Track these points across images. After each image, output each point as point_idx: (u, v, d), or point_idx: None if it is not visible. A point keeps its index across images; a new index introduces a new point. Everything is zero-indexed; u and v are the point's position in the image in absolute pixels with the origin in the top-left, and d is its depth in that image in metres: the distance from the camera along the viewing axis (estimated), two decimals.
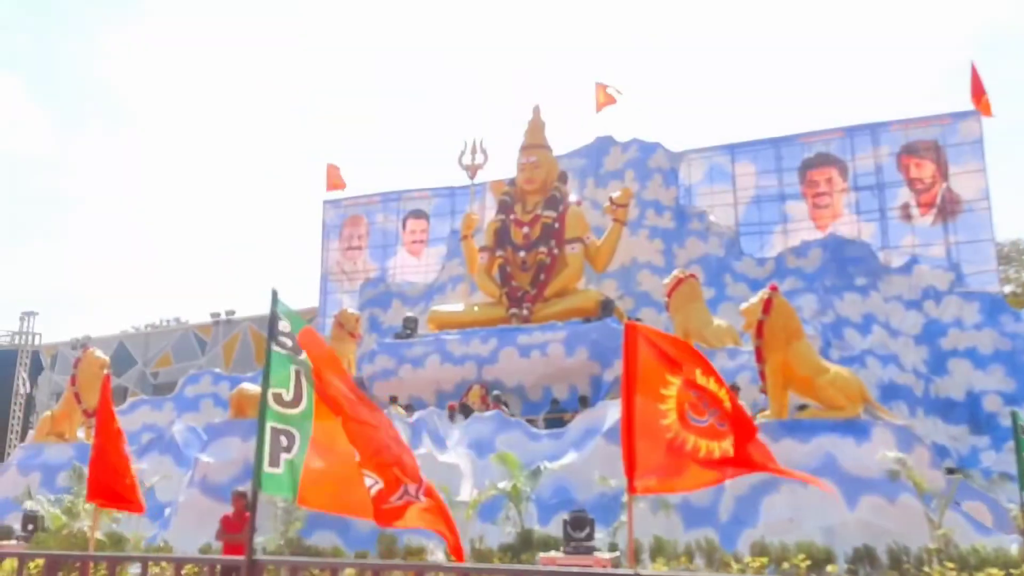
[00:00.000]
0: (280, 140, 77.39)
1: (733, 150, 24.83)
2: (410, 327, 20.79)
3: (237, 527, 9.81)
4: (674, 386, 5.68)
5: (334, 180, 28.63)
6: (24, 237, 73.52)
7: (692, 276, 17.92)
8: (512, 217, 21.52)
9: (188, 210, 75.23)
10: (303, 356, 5.47)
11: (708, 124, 67.24)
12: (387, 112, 76.31)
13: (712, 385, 5.66)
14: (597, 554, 10.08)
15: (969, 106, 21.94)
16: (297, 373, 5.38)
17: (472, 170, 23.04)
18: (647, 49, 74.59)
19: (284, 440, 5.20)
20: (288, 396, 5.31)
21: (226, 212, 76.49)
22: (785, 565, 9.90)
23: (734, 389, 13.10)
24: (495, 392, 17.77)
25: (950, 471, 14.14)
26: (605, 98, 24.83)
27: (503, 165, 33.13)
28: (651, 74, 71.59)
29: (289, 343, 5.47)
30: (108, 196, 75.80)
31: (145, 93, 76.28)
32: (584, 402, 16.65)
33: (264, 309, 29.11)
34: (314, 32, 77.80)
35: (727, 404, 5.60)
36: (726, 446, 5.52)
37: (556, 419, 16.48)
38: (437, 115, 73.95)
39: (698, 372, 5.69)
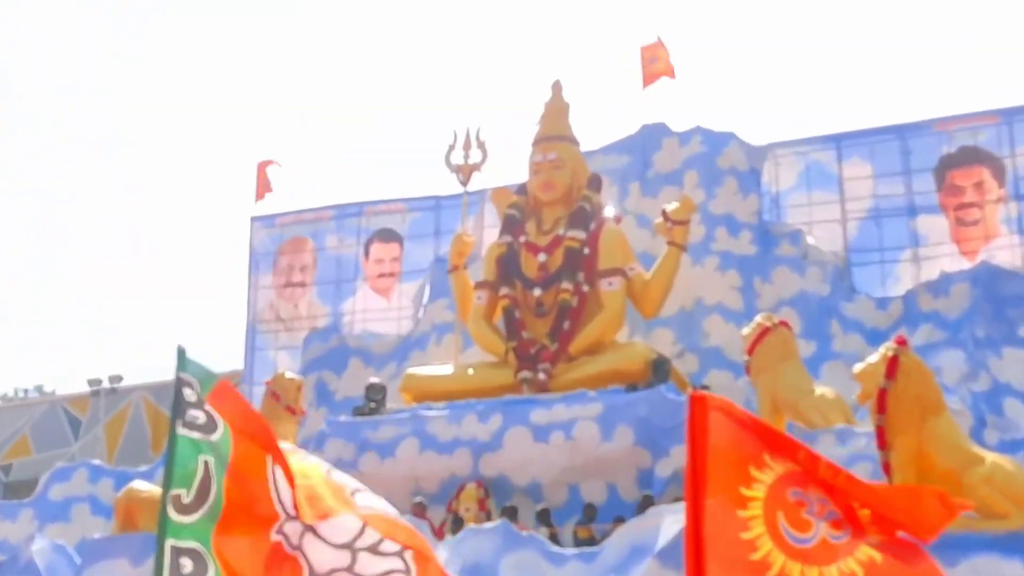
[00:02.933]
0: (197, 145, 78.14)
1: (840, 143, 24.82)
2: (375, 398, 20.73)
3: None
4: (762, 484, 5.60)
5: (267, 184, 28.63)
6: None
7: (783, 324, 17.86)
8: (523, 239, 21.55)
9: (61, 238, 75.66)
10: (217, 435, 5.48)
11: (802, 105, 67.57)
12: (363, 95, 76.98)
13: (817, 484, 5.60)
14: None
15: None
16: (206, 464, 5.39)
17: (465, 172, 23.07)
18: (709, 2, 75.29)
19: (187, 564, 5.19)
20: (188, 497, 5.33)
21: (116, 240, 76.92)
22: None
23: None
24: (507, 505, 17.68)
25: None
26: (655, 67, 24.94)
27: (509, 165, 32.98)
28: (717, 36, 72.19)
29: (200, 419, 5.48)
30: None
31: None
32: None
33: (163, 373, 29.01)
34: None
35: (854, 505, 5.51)
36: (851, 567, 5.42)
37: (589, 537, 16.35)
38: (427, 94, 74.62)
39: (792, 464, 5.63)
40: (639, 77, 25.37)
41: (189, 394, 5.51)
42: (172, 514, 5.29)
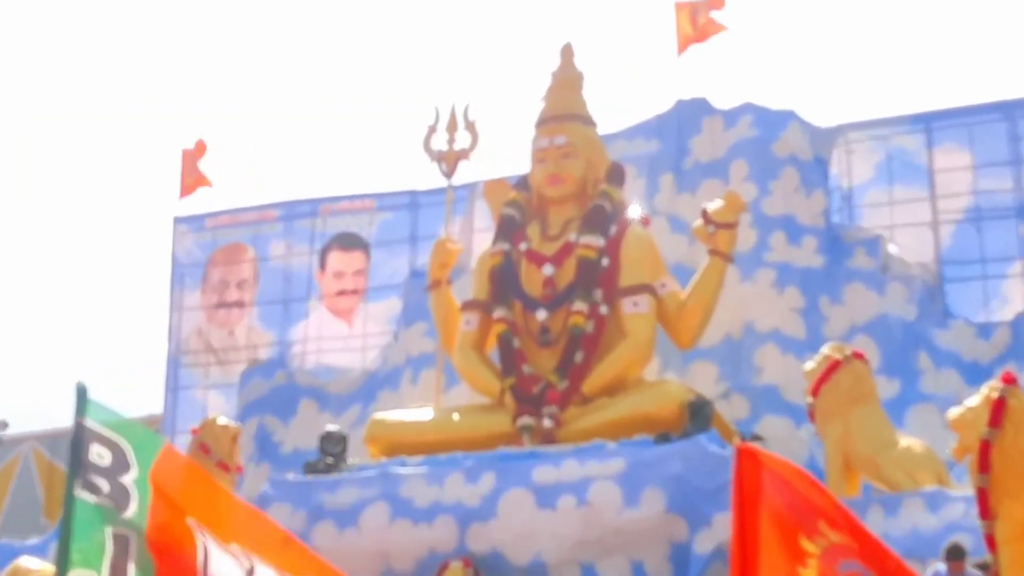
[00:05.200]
0: (108, 134, 78.58)
1: (929, 124, 24.92)
2: (333, 451, 20.75)
3: None
4: (814, 559, 5.66)
5: (193, 175, 28.62)
6: None
7: (857, 357, 17.95)
8: (524, 247, 21.60)
9: None
10: (132, 512, 5.55)
11: (882, 76, 67.76)
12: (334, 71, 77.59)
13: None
14: None
15: None
16: (122, 540, 5.42)
17: (450, 161, 23.14)
18: None
19: None
20: None
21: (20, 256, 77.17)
22: None
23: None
24: None
25: None
26: (695, 29, 25.03)
27: (506, 151, 33.05)
28: None
29: (106, 486, 5.51)
30: None
31: None
32: None
33: (60, 419, 28.89)
34: None
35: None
36: None
37: None
38: (400, 62, 75.11)
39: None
40: (673, 40, 25.47)
41: (96, 451, 5.52)
42: None
